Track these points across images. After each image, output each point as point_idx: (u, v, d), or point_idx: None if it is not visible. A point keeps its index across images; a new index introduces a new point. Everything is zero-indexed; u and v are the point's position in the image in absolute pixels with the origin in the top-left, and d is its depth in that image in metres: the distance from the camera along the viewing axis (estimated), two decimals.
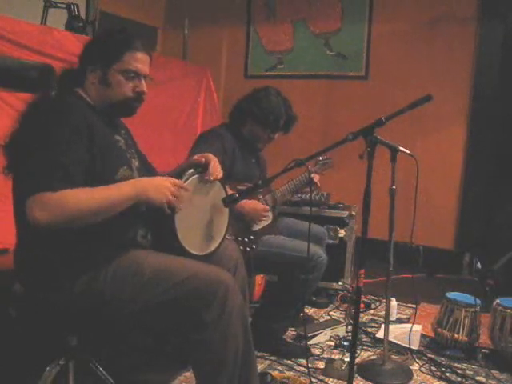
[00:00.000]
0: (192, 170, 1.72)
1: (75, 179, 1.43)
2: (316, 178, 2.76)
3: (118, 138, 1.65)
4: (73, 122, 1.47)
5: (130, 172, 1.60)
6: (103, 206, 1.44)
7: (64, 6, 3.21)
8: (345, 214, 3.24)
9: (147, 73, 1.64)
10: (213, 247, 1.78)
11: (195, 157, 1.82)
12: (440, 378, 2.28)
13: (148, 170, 1.79)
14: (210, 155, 1.80)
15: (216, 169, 1.76)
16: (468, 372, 2.34)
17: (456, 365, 2.40)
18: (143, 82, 1.63)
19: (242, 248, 2.26)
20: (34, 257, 1.51)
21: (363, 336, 2.67)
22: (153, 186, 1.52)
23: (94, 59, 1.60)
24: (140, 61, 1.61)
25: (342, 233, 3.22)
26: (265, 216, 2.42)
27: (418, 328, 2.65)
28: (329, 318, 2.94)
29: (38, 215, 1.36)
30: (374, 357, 2.46)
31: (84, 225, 1.43)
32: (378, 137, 1.90)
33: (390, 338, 2.46)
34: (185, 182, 1.65)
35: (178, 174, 1.71)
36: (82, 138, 1.46)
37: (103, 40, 1.64)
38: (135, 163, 1.69)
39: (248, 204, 2.36)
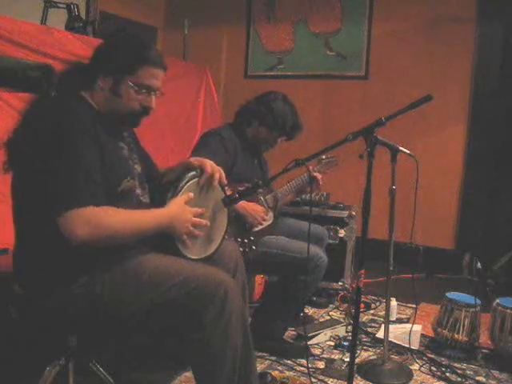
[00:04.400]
0: (193, 173, 1.70)
1: (101, 190, 1.43)
2: (319, 176, 2.75)
3: (121, 144, 1.63)
4: (86, 129, 1.45)
5: (132, 182, 1.59)
6: (140, 229, 1.50)
7: (64, 6, 3.21)
8: (345, 213, 3.24)
9: (159, 87, 1.61)
10: (212, 249, 1.78)
11: (192, 159, 1.79)
12: (440, 378, 2.28)
13: (149, 172, 1.78)
14: (207, 161, 1.76)
15: (212, 175, 1.72)
16: (468, 372, 2.34)
17: (456, 365, 2.40)
18: (153, 97, 1.60)
19: (241, 249, 2.25)
20: (34, 258, 1.50)
21: (363, 336, 2.67)
22: (179, 220, 1.57)
23: (108, 66, 1.54)
24: (155, 76, 1.58)
25: (342, 233, 3.22)
26: (265, 218, 2.42)
27: (418, 328, 2.64)
28: (329, 318, 2.94)
29: (80, 231, 1.36)
30: (374, 357, 2.46)
31: (116, 244, 1.46)
32: (378, 137, 1.90)
33: (390, 338, 2.45)
34: (185, 185, 1.65)
35: (177, 177, 1.69)
36: (95, 146, 1.45)
37: (120, 47, 1.56)
38: (137, 169, 1.67)
39: (249, 206, 2.36)
